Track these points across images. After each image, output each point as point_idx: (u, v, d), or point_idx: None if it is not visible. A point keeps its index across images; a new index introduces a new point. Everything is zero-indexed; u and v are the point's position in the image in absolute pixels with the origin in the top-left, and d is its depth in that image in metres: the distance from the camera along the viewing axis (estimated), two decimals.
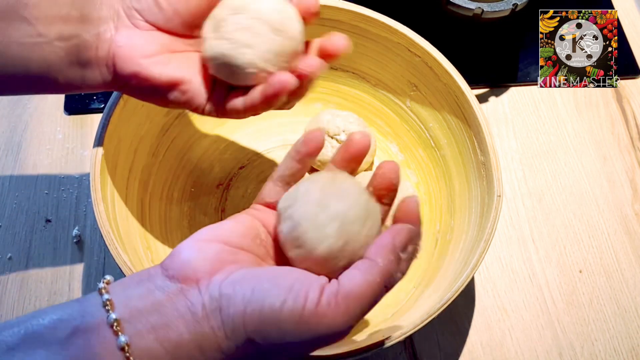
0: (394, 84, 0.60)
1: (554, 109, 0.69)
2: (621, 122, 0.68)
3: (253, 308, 0.31)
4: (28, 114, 0.65)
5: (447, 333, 0.56)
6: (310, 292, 0.31)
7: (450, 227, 0.55)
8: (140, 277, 0.33)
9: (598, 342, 0.56)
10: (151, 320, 0.31)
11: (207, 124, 0.61)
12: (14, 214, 0.59)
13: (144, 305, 0.31)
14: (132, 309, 0.31)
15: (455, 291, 0.44)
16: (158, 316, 0.31)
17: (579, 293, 0.58)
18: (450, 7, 0.62)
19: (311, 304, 0.31)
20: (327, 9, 0.56)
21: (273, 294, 0.31)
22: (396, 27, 0.55)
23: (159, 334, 0.31)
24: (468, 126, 0.53)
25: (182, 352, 0.31)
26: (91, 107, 0.65)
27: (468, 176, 0.54)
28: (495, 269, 0.59)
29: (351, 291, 0.31)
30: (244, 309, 0.31)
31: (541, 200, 0.63)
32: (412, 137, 0.60)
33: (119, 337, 0.30)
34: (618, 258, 0.60)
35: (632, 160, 0.66)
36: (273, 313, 0.30)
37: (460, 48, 0.65)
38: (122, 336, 0.30)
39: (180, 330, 0.31)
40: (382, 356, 0.54)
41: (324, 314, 0.31)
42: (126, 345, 0.30)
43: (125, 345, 0.30)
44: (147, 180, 0.55)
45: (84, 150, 0.63)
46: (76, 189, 0.61)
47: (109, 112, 0.49)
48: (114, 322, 0.30)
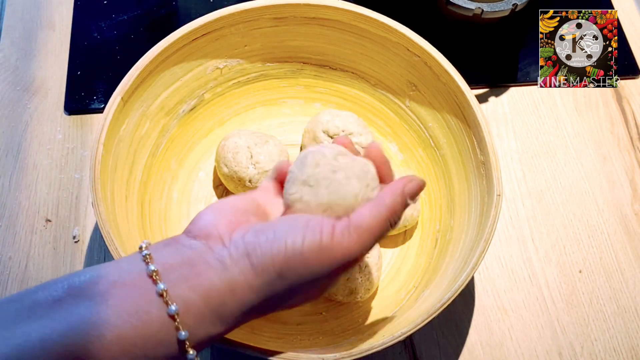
0: (393, 83, 0.60)
1: (553, 109, 0.69)
2: (621, 122, 0.68)
3: (278, 246, 0.34)
4: (28, 114, 0.65)
5: (447, 333, 0.56)
6: (324, 227, 0.35)
7: (450, 226, 0.55)
8: (167, 242, 0.36)
9: (598, 342, 0.56)
10: (183, 272, 0.34)
11: (207, 124, 0.61)
12: (14, 214, 0.59)
13: (174, 261, 0.34)
14: (164, 264, 0.34)
15: (455, 291, 0.44)
16: (189, 268, 0.34)
17: (579, 293, 0.58)
18: (450, 7, 0.62)
19: (327, 235, 0.35)
20: (327, 9, 0.56)
21: (293, 233, 0.34)
22: (395, 27, 0.55)
23: (191, 283, 0.33)
24: (468, 126, 0.53)
25: (214, 296, 0.33)
26: (91, 107, 0.65)
27: (468, 176, 0.54)
28: (495, 268, 0.59)
29: (361, 223, 0.36)
30: (270, 249, 0.34)
31: (541, 200, 0.63)
32: (412, 136, 0.60)
33: (157, 284, 0.33)
34: (618, 258, 0.60)
35: (632, 160, 0.66)
36: (295, 249, 0.34)
37: (460, 48, 0.65)
38: (161, 283, 0.33)
39: (210, 278, 0.34)
40: (382, 356, 0.54)
41: (339, 243, 0.35)
42: (164, 292, 0.32)
43: (163, 292, 0.32)
44: (147, 180, 0.55)
45: (84, 150, 0.63)
46: (76, 189, 0.61)
47: (109, 112, 0.49)
48: (153, 273, 0.33)
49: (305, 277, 0.35)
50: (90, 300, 0.31)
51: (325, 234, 0.35)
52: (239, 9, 0.55)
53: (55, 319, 0.30)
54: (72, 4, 0.72)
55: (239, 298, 0.34)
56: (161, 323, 0.32)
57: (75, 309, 0.31)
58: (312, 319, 0.54)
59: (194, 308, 0.33)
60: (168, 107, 0.57)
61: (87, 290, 0.32)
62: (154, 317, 0.32)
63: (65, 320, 0.30)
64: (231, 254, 0.34)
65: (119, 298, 0.32)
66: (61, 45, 0.69)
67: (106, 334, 0.31)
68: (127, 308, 0.32)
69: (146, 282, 0.33)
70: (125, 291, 0.32)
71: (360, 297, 0.53)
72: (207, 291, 0.33)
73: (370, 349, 0.42)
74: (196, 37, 0.55)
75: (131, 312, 0.32)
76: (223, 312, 0.34)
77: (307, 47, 0.60)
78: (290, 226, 0.35)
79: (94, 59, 0.68)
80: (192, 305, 0.33)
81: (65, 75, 0.67)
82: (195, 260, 0.34)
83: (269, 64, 0.61)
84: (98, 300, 0.31)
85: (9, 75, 0.67)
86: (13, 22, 0.71)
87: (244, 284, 0.34)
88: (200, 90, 0.59)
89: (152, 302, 0.32)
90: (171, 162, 0.58)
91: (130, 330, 0.31)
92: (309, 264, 0.34)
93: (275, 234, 0.35)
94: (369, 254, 0.53)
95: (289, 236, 0.34)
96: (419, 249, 0.57)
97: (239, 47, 0.59)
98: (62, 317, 0.31)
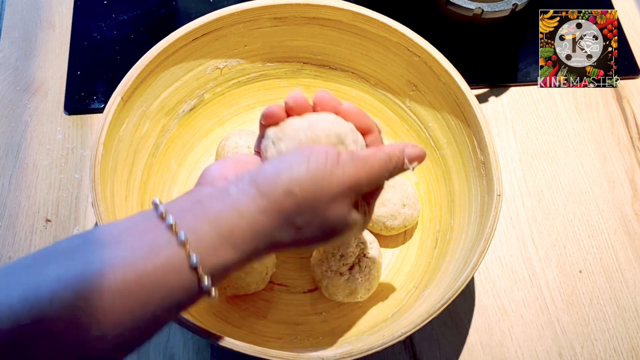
0: (393, 83, 0.60)
1: (553, 109, 0.69)
2: (621, 122, 0.68)
3: (284, 168, 0.36)
4: (28, 114, 0.65)
5: (447, 333, 0.56)
6: (329, 152, 0.36)
7: (450, 226, 0.55)
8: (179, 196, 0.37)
9: (598, 342, 0.56)
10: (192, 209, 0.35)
11: (207, 124, 0.61)
12: (14, 214, 0.59)
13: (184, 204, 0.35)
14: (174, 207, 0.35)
15: (455, 291, 0.44)
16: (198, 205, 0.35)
17: (579, 293, 0.58)
18: (450, 7, 0.62)
19: (332, 158, 0.36)
20: (327, 9, 0.56)
21: (298, 159, 0.36)
22: (396, 27, 0.55)
23: (199, 214, 0.34)
24: (468, 126, 0.53)
25: (222, 222, 0.34)
26: (91, 107, 0.65)
27: (468, 176, 0.54)
28: (495, 268, 0.59)
29: (364, 155, 0.38)
30: (276, 171, 0.35)
31: (541, 200, 0.63)
32: (412, 136, 0.60)
33: (166, 219, 0.33)
34: (618, 258, 0.60)
35: (632, 160, 0.66)
36: (301, 169, 0.35)
37: (460, 48, 0.65)
38: (170, 216, 0.33)
39: (217, 207, 0.35)
40: (382, 356, 0.54)
41: (344, 165, 0.36)
42: (173, 224, 0.33)
43: (172, 225, 0.33)
44: (147, 180, 0.55)
45: (84, 150, 0.63)
46: (76, 189, 0.61)
47: (109, 112, 0.49)
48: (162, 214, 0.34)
49: (313, 195, 0.35)
50: (104, 244, 0.32)
51: (330, 158, 0.36)
52: (239, 9, 0.55)
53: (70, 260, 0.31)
54: (72, 4, 0.72)
55: (248, 221, 0.34)
56: (172, 251, 0.33)
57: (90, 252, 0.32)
58: (312, 319, 0.54)
59: (204, 235, 0.34)
60: (168, 107, 0.57)
61: (101, 237, 0.33)
62: (164, 247, 0.33)
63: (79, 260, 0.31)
64: (237, 185, 0.36)
65: (131, 238, 0.33)
66: (61, 45, 0.69)
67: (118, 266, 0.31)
68: (139, 244, 0.32)
69: (157, 223, 0.34)
70: (137, 232, 0.33)
71: (360, 297, 0.53)
72: (215, 218, 0.34)
73: (370, 349, 0.42)
74: (196, 37, 0.55)
75: (143, 247, 0.32)
76: (234, 237, 0.34)
77: (307, 47, 0.60)
78: (295, 154, 0.37)
79: (94, 59, 0.68)
80: (202, 232, 0.33)
81: (65, 75, 0.67)
82: (203, 198, 0.35)
83: (269, 64, 0.61)
84: (112, 243, 0.32)
85: (9, 75, 0.67)
86: (13, 22, 0.71)
87: (252, 207, 0.35)
88: (200, 90, 0.59)
89: (163, 235, 0.33)
90: (171, 162, 0.58)
91: (142, 261, 0.32)
92: (316, 180, 0.35)
93: (280, 161, 0.36)
94: (369, 253, 0.53)
95: (294, 162, 0.36)
96: (419, 249, 0.57)
97: (239, 47, 0.59)
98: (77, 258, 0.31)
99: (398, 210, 0.55)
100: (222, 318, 0.52)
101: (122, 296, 0.31)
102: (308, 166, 0.36)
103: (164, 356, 0.54)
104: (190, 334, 0.52)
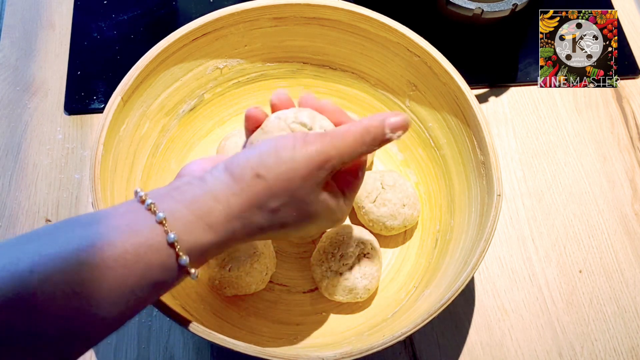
0: (393, 83, 0.60)
1: (553, 109, 0.69)
2: (621, 122, 0.68)
3: (253, 154, 0.37)
4: (28, 114, 0.65)
5: (447, 333, 0.56)
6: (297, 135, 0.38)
7: (450, 226, 0.55)
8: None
9: (598, 342, 0.56)
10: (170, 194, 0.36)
11: (207, 124, 0.61)
12: (14, 214, 0.59)
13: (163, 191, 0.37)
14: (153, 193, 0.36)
15: (455, 291, 0.44)
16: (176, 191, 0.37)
17: (579, 293, 0.58)
18: (450, 7, 0.62)
19: (300, 138, 0.38)
20: (327, 9, 0.56)
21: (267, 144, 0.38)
22: (395, 26, 0.55)
23: (177, 198, 0.36)
24: (468, 126, 0.53)
25: (199, 204, 0.36)
26: (91, 107, 0.65)
27: (468, 176, 0.54)
28: (495, 268, 0.59)
29: (336, 130, 0.39)
30: (246, 157, 0.37)
31: (541, 200, 0.63)
32: (412, 136, 0.60)
33: (145, 202, 0.35)
34: (618, 258, 0.60)
35: (632, 160, 0.66)
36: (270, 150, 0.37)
37: (460, 48, 0.65)
38: (149, 199, 0.35)
39: (194, 192, 0.36)
40: (382, 356, 0.54)
41: (311, 142, 0.37)
42: (152, 205, 0.35)
43: (151, 205, 0.35)
44: (147, 180, 0.55)
45: (84, 150, 0.63)
46: (76, 189, 0.61)
47: (109, 112, 0.49)
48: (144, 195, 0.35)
49: (284, 176, 0.36)
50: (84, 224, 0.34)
51: (298, 139, 0.37)
52: (239, 9, 0.55)
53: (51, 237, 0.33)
54: (72, 4, 0.72)
55: (223, 204, 0.36)
56: (150, 230, 0.34)
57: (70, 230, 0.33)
58: (312, 319, 0.54)
59: (181, 216, 0.35)
60: (168, 107, 0.57)
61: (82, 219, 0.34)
62: (144, 226, 0.34)
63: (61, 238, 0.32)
64: (212, 173, 0.37)
65: (112, 219, 0.34)
66: (61, 45, 0.69)
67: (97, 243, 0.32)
68: (119, 224, 0.34)
69: (136, 206, 0.35)
70: (117, 214, 0.35)
71: (360, 297, 0.53)
72: (192, 201, 0.36)
73: (370, 349, 0.42)
74: (196, 37, 0.55)
75: (122, 227, 0.34)
76: (210, 219, 0.36)
77: (307, 47, 0.60)
78: (265, 141, 0.38)
79: (94, 59, 0.68)
80: (179, 213, 0.35)
81: (65, 75, 0.67)
82: (180, 185, 0.37)
83: (269, 64, 0.61)
84: (92, 223, 0.34)
85: (9, 75, 0.67)
86: (13, 22, 0.71)
87: (226, 190, 0.36)
88: (200, 90, 0.59)
89: (141, 216, 0.35)
90: (171, 162, 0.58)
91: (121, 238, 0.33)
92: (283, 161, 0.36)
93: (251, 148, 0.38)
94: (369, 253, 0.53)
95: (263, 146, 0.38)
96: (419, 249, 0.57)
97: (239, 47, 0.59)
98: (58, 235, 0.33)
99: (398, 210, 0.55)
100: (222, 318, 0.52)
101: (100, 272, 0.32)
102: (276, 149, 0.37)
103: (163, 356, 0.54)
104: (190, 334, 0.52)
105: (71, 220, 0.34)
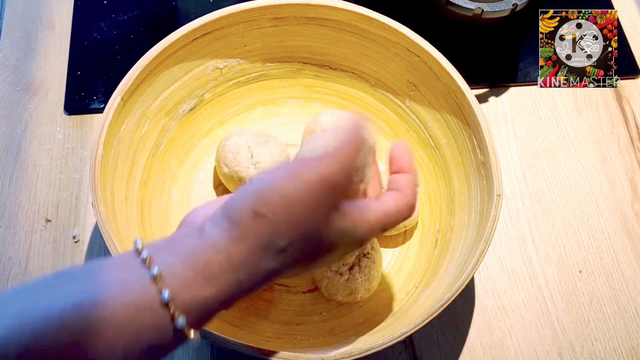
0: (393, 83, 0.60)
1: (553, 109, 0.69)
2: (621, 122, 0.68)
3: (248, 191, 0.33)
4: (28, 114, 0.65)
5: (447, 333, 0.56)
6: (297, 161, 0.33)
7: (450, 226, 0.55)
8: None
9: (598, 342, 0.56)
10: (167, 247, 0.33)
11: (207, 124, 0.61)
12: (14, 214, 0.59)
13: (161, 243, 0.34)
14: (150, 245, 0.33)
15: (455, 291, 0.44)
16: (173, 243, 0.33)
17: (579, 293, 0.58)
18: (450, 7, 0.62)
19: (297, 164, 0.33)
20: (327, 9, 0.56)
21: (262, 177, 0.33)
22: (395, 27, 0.55)
23: (174, 250, 0.33)
24: (467, 126, 0.53)
25: (197, 258, 0.32)
26: (91, 107, 0.65)
27: (468, 176, 0.54)
28: (495, 268, 0.59)
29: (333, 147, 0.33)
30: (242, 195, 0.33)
31: (541, 200, 0.63)
32: (412, 136, 0.60)
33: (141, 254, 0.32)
34: (618, 258, 0.60)
35: (632, 160, 0.66)
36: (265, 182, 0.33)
37: (460, 48, 0.65)
38: (145, 251, 0.32)
39: (192, 243, 0.33)
40: (382, 356, 0.54)
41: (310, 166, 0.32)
42: (147, 258, 0.32)
43: (146, 259, 0.32)
44: (147, 180, 0.55)
45: (84, 150, 0.63)
46: (76, 189, 0.61)
47: (109, 112, 0.49)
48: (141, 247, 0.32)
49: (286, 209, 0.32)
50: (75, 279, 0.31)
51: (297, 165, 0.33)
52: (239, 9, 0.55)
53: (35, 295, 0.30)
54: (72, 4, 0.72)
55: (223, 254, 0.32)
56: (142, 287, 0.31)
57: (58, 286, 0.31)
58: (312, 319, 0.54)
59: (177, 270, 0.32)
60: (168, 107, 0.57)
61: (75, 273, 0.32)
62: (136, 283, 0.31)
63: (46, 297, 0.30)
64: (212, 220, 0.34)
65: (104, 274, 0.31)
66: (61, 45, 0.69)
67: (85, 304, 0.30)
68: (110, 279, 0.31)
69: (132, 259, 0.32)
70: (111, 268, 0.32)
71: (360, 297, 0.53)
72: (190, 254, 0.32)
73: (370, 349, 0.42)
74: (196, 37, 0.55)
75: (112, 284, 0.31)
76: (209, 271, 0.32)
77: (307, 47, 0.60)
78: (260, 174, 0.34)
79: (94, 59, 0.68)
80: (175, 268, 0.32)
81: (65, 75, 0.67)
82: (178, 237, 0.34)
83: (269, 64, 0.61)
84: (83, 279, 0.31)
85: (9, 75, 0.67)
86: (13, 22, 0.71)
87: (226, 238, 0.32)
88: (200, 90, 0.59)
89: (136, 270, 0.31)
90: (171, 162, 0.58)
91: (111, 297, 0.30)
92: (280, 191, 0.32)
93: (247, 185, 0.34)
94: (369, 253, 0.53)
95: (258, 180, 0.33)
96: (419, 249, 0.57)
97: (239, 47, 0.59)
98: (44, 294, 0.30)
99: None
100: (222, 318, 0.52)
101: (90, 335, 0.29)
102: (273, 181, 0.32)
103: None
104: None
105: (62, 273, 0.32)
